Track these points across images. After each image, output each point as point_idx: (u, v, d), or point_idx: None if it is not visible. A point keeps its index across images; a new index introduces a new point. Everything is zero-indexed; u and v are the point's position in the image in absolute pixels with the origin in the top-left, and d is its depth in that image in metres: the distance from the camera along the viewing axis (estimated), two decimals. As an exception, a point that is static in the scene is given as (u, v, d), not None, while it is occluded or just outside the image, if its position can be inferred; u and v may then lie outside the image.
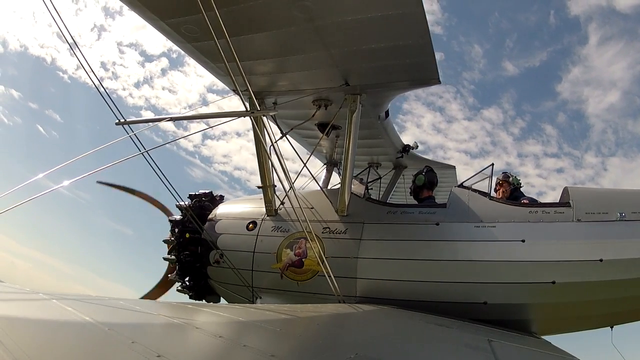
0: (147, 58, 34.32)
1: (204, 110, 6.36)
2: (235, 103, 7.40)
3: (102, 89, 5.06)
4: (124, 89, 29.20)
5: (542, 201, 5.87)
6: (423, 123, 27.87)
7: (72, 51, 4.75)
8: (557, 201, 5.58)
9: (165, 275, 7.18)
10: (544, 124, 28.34)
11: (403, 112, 28.66)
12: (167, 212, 7.43)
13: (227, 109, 5.73)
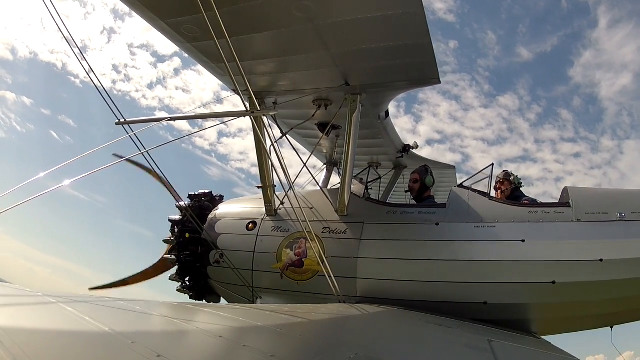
0: (159, 59, 34.18)
1: (204, 110, 6.36)
2: (234, 103, 7.42)
3: (101, 88, 5.05)
4: (137, 91, 29.08)
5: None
6: (439, 112, 27.78)
7: (72, 51, 4.73)
8: (557, 201, 5.59)
9: (162, 259, 7.17)
10: (559, 108, 28.14)
11: (419, 101, 28.60)
12: (176, 197, 7.28)
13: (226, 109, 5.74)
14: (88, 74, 4.81)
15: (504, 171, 6.37)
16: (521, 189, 6.25)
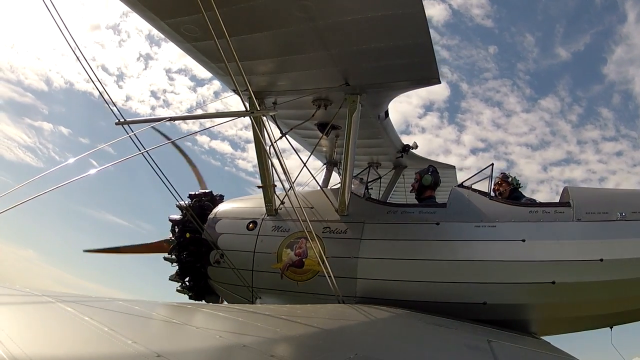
0: (198, 82, 33.75)
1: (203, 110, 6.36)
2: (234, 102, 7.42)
3: (101, 88, 5.05)
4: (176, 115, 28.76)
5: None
6: (483, 120, 27.67)
7: (72, 51, 4.73)
8: (558, 201, 5.59)
9: (158, 243, 7.25)
10: (599, 107, 27.94)
11: (462, 110, 28.58)
12: (161, 249, 7.33)
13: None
14: (87, 73, 4.80)
15: (501, 173, 6.40)
16: (520, 189, 6.25)
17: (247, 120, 5.80)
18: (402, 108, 27.98)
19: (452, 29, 29.95)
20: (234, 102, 7.47)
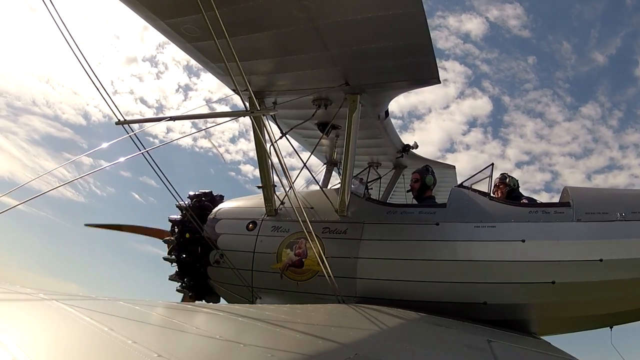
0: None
1: (204, 110, 6.36)
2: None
3: (101, 88, 5.04)
4: (220, 146, 28.42)
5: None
6: (526, 132, 27.56)
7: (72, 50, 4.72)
8: (558, 201, 5.59)
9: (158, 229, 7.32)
10: (638, 109, 27.77)
11: (504, 124, 28.59)
12: (161, 234, 7.38)
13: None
14: (86, 71, 4.78)
15: (501, 174, 6.39)
16: (519, 189, 6.26)
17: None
18: (445, 126, 27.94)
19: (491, 42, 29.91)
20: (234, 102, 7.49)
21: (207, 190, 7.31)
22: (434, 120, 28.52)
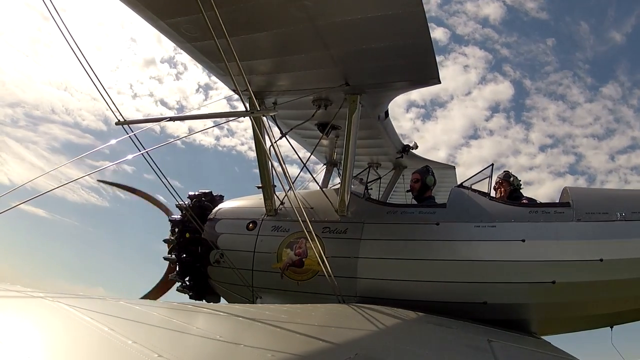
0: None
1: (204, 110, 6.37)
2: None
3: (101, 88, 5.03)
4: (242, 144, 28.10)
5: None
6: (548, 115, 27.28)
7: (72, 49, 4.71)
8: (558, 201, 5.59)
9: (166, 275, 7.18)
10: None
11: (527, 108, 28.35)
12: (167, 212, 7.42)
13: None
14: (85, 70, 4.78)
15: (504, 172, 6.37)
16: (520, 190, 6.24)
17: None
18: (468, 112, 27.64)
19: (509, 26, 29.43)
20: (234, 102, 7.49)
21: (207, 190, 7.31)
22: (457, 108, 28.31)
